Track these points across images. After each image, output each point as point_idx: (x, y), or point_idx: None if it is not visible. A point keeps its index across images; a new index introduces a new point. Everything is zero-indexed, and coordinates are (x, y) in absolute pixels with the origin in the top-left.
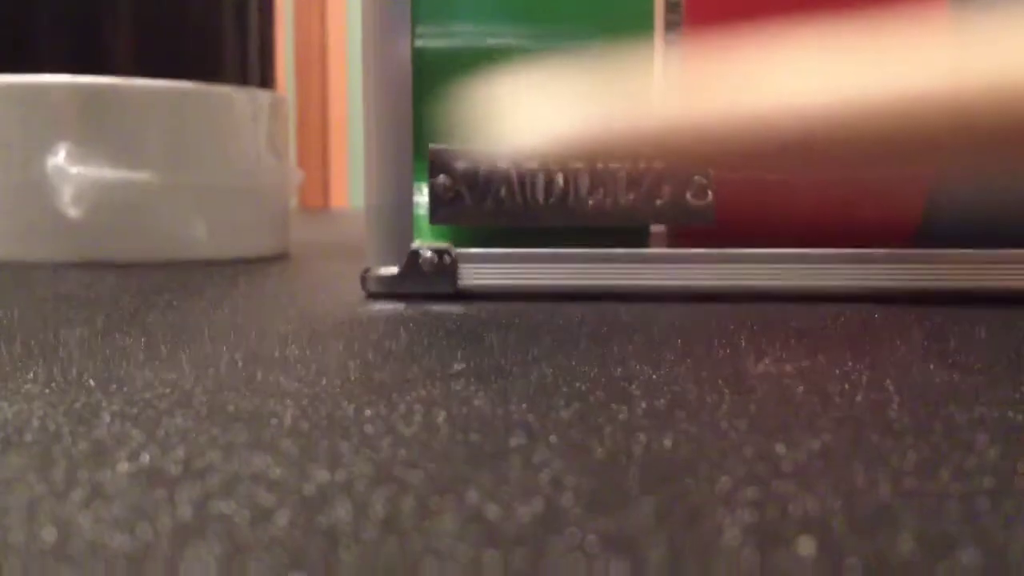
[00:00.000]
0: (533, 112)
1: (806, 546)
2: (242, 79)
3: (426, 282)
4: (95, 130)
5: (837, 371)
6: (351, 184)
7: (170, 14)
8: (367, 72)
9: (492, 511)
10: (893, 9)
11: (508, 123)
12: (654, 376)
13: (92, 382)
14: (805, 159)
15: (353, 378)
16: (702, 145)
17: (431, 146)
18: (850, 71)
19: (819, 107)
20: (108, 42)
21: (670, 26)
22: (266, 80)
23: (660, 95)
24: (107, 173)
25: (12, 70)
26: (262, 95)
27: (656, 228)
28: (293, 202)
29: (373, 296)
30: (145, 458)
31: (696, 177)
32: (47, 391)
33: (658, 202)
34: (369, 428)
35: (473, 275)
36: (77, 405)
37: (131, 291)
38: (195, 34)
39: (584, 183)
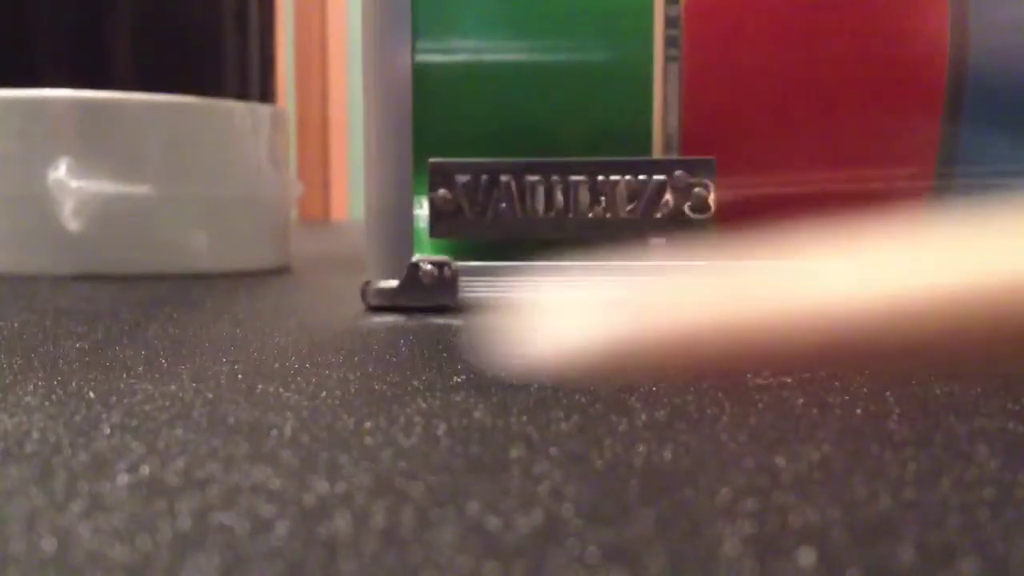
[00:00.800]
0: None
1: (807, 556)
2: (243, 93)
3: (426, 295)
4: (96, 144)
5: (837, 383)
6: (351, 197)
7: (171, 29)
8: (367, 85)
9: (492, 522)
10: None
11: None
12: (654, 388)
13: (92, 394)
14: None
15: (353, 390)
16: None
17: (431, 159)
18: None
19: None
20: (109, 56)
21: (670, 42)
22: (266, 94)
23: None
24: (108, 186)
25: (12, 84)
26: (262, 109)
27: (656, 241)
28: (294, 215)
29: (373, 309)
30: (145, 470)
31: (696, 189)
32: (47, 403)
33: (658, 215)
34: (369, 440)
35: (473, 288)
36: (77, 417)
37: (131, 304)
38: (196, 48)
39: (584, 196)
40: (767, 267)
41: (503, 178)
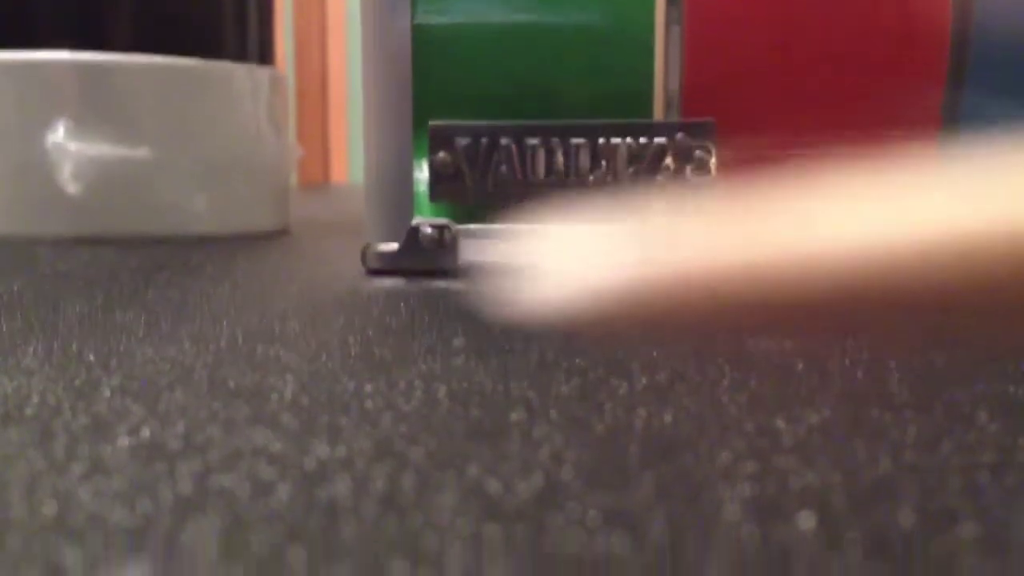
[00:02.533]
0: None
1: (806, 520)
2: (242, 55)
3: (426, 258)
4: (94, 106)
5: (838, 348)
6: (351, 160)
7: None
8: (367, 48)
9: (492, 486)
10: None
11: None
12: (654, 353)
13: (92, 357)
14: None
15: (353, 354)
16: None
17: (431, 122)
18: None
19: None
20: (107, 18)
21: (671, 4)
22: (265, 56)
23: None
24: (106, 149)
25: (10, 46)
26: (261, 71)
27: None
28: (293, 178)
29: (373, 272)
30: (145, 433)
31: (697, 152)
32: (47, 366)
33: (659, 177)
34: (369, 403)
35: (474, 251)
36: (77, 380)
37: (131, 267)
38: (194, 10)
39: (585, 159)
40: (769, 215)
41: (503, 141)
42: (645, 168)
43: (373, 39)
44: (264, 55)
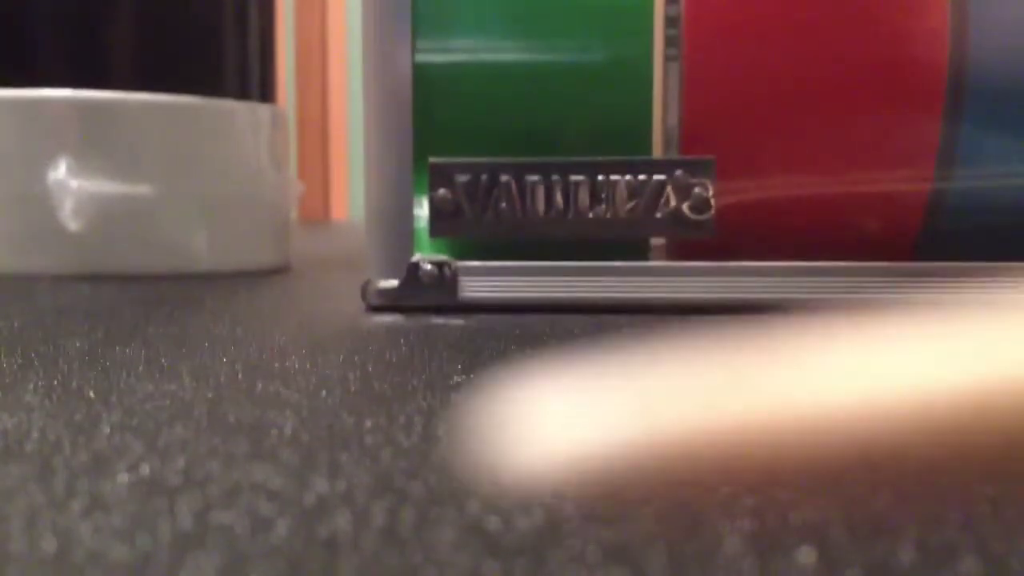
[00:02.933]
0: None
1: (807, 555)
2: (243, 93)
3: (426, 294)
4: (95, 143)
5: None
6: (351, 196)
7: (170, 28)
8: (367, 85)
9: (492, 522)
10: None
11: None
12: None
13: (92, 393)
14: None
15: (353, 389)
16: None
17: (431, 159)
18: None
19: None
20: (108, 56)
21: (670, 42)
22: (267, 93)
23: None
24: (108, 186)
25: (12, 84)
26: (263, 109)
27: (656, 241)
28: (294, 214)
29: (374, 308)
30: (145, 469)
31: (696, 190)
32: (47, 402)
33: (658, 215)
34: (369, 439)
35: (474, 287)
36: (77, 416)
37: (132, 303)
38: (195, 48)
39: (584, 195)
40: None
41: (503, 178)
42: (644, 205)
43: (374, 77)
44: (265, 92)
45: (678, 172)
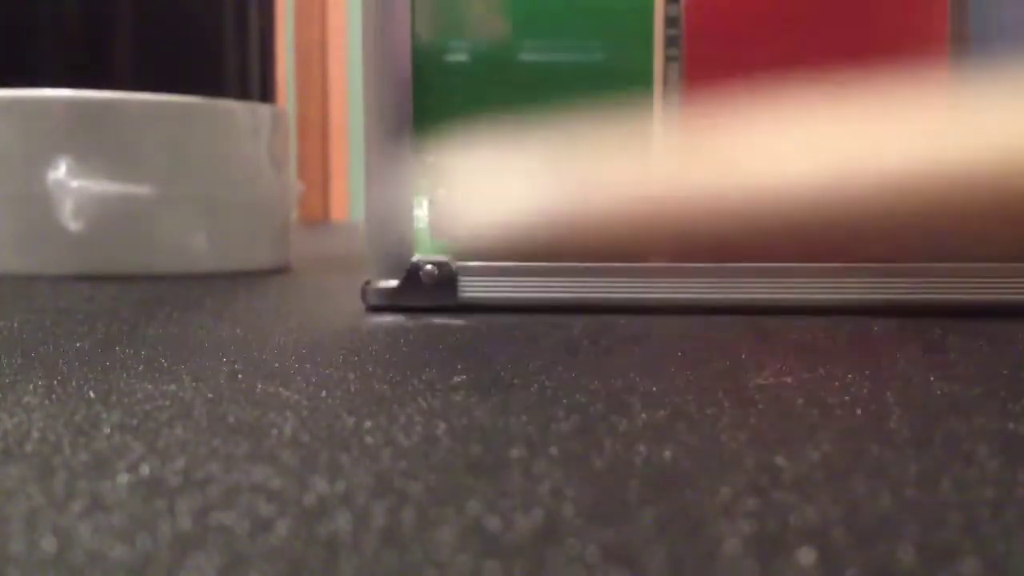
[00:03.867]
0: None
1: (807, 556)
2: (243, 93)
3: (426, 295)
4: (95, 144)
5: (837, 383)
6: (351, 197)
7: (170, 28)
8: (368, 87)
9: (492, 522)
10: (890, 70)
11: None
12: (654, 388)
13: (92, 394)
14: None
15: (353, 390)
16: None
17: (431, 160)
18: (846, 143)
19: (817, 183)
20: (108, 56)
21: (670, 42)
22: (267, 94)
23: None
24: (108, 186)
25: (12, 84)
26: (263, 109)
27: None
28: (294, 215)
29: (373, 309)
30: (145, 469)
31: None
32: (47, 403)
33: None
34: (369, 439)
35: (473, 288)
36: (77, 417)
37: (132, 303)
38: (195, 48)
39: None
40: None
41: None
42: None
43: (374, 78)
44: (265, 93)
45: None
